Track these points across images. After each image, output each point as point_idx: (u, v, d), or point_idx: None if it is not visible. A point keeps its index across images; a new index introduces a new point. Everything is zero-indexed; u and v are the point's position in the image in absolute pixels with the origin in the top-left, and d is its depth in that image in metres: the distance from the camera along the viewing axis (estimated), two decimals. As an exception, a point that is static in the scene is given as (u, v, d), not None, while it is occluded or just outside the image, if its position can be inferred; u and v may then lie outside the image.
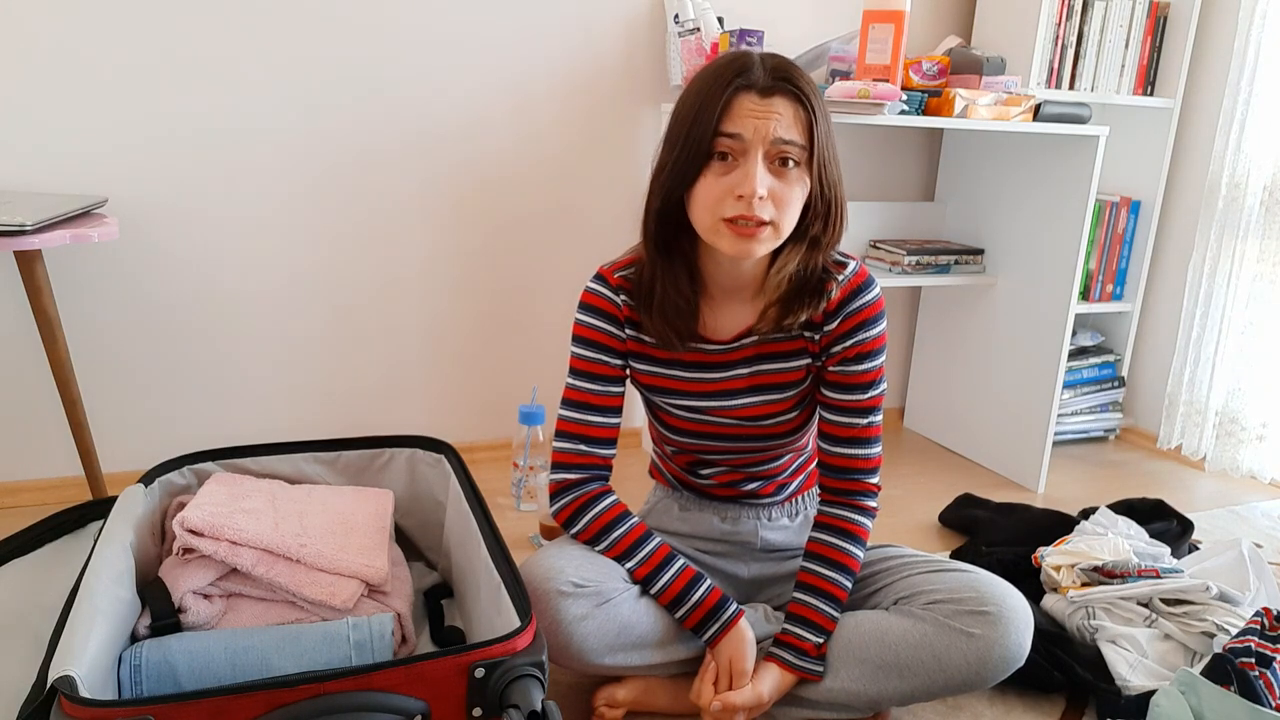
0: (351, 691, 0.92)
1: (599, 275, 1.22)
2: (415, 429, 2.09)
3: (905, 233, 2.37)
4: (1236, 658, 1.22)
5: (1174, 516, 1.80)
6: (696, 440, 1.27)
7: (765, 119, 1.04)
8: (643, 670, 1.20)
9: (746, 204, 1.04)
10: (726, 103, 1.04)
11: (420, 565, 1.52)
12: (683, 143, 1.07)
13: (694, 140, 1.06)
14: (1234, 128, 2.19)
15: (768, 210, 1.05)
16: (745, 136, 1.04)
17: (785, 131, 1.05)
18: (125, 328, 1.81)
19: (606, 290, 1.21)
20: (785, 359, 1.21)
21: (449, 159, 1.97)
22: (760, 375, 1.22)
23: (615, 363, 1.22)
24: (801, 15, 2.19)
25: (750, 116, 1.04)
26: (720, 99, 1.04)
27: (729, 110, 1.04)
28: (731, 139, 1.04)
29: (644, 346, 1.23)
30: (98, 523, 1.41)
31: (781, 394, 1.22)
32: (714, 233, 1.08)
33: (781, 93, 1.05)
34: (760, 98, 1.05)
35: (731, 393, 1.23)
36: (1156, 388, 2.49)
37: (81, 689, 0.87)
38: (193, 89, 1.75)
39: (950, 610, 1.15)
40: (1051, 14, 2.17)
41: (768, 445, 1.27)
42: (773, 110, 1.04)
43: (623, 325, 1.22)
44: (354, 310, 1.98)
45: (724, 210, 1.06)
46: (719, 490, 1.34)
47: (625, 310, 1.21)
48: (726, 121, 1.04)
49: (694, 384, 1.23)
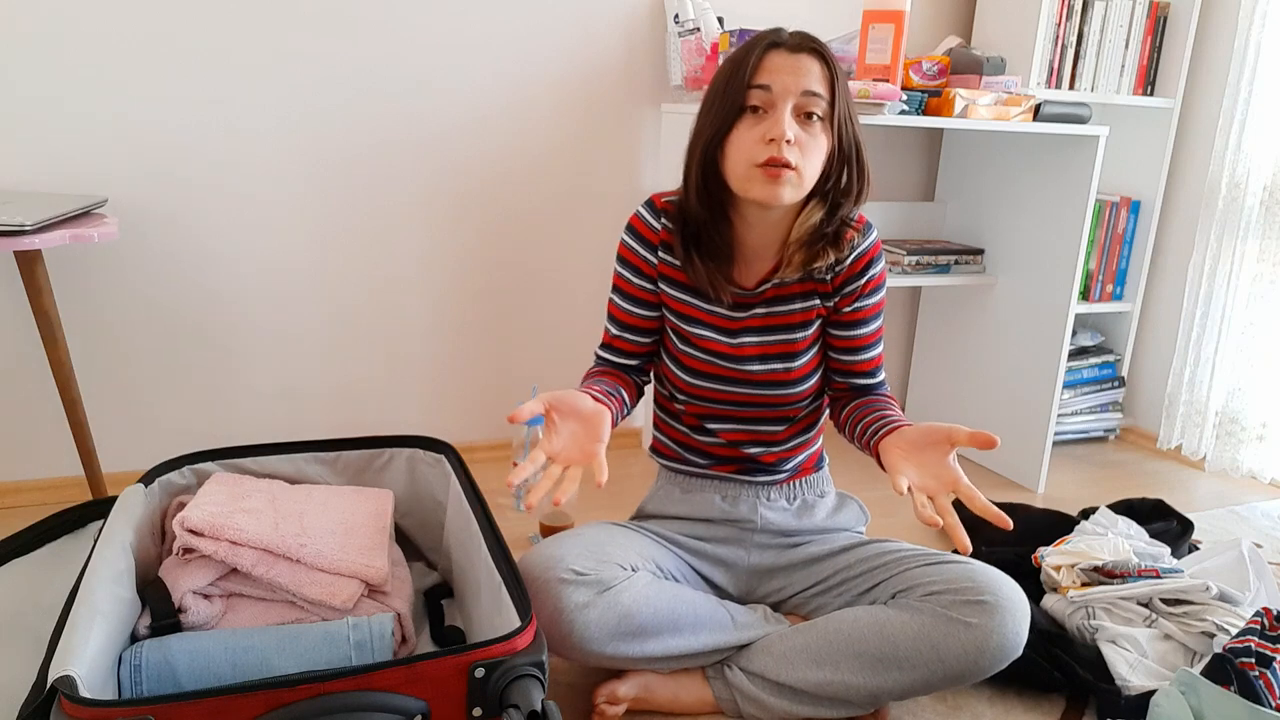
0: (351, 691, 0.92)
1: (649, 200, 1.30)
2: (415, 429, 2.09)
3: (905, 233, 2.37)
4: (1236, 658, 1.22)
5: (1174, 516, 1.80)
6: (708, 385, 1.30)
7: (793, 72, 1.13)
8: (643, 663, 1.20)
9: (776, 146, 1.13)
10: (758, 59, 1.14)
11: (420, 565, 1.52)
12: (719, 101, 1.17)
13: (729, 96, 1.15)
14: (1234, 128, 2.19)
15: (794, 154, 1.14)
16: (774, 88, 1.13)
17: (811, 83, 1.14)
18: (125, 328, 1.81)
19: (649, 214, 1.29)
20: (798, 299, 1.28)
21: (449, 159, 1.97)
22: (774, 317, 1.28)
23: (645, 285, 1.31)
24: (801, 15, 2.19)
25: (779, 70, 1.14)
26: (751, 57, 1.15)
27: (760, 65, 1.14)
28: (763, 90, 1.14)
29: (673, 271, 1.29)
30: (98, 523, 1.41)
31: (792, 334, 1.28)
32: (746, 179, 1.16)
33: (808, 51, 1.15)
34: (789, 53, 1.15)
35: (747, 330, 1.28)
36: (1156, 388, 2.49)
37: (81, 689, 0.87)
38: (193, 89, 1.75)
39: (948, 601, 1.15)
40: (1051, 14, 2.17)
41: (774, 394, 1.29)
42: (800, 65, 1.14)
43: (655, 249, 1.29)
44: (354, 310, 1.98)
45: (755, 156, 1.14)
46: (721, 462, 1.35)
47: (662, 234, 1.28)
48: (758, 75, 1.14)
49: (714, 317, 1.28)
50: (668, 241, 1.28)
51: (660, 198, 1.29)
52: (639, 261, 1.30)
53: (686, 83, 2.03)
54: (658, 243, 1.28)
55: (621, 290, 1.32)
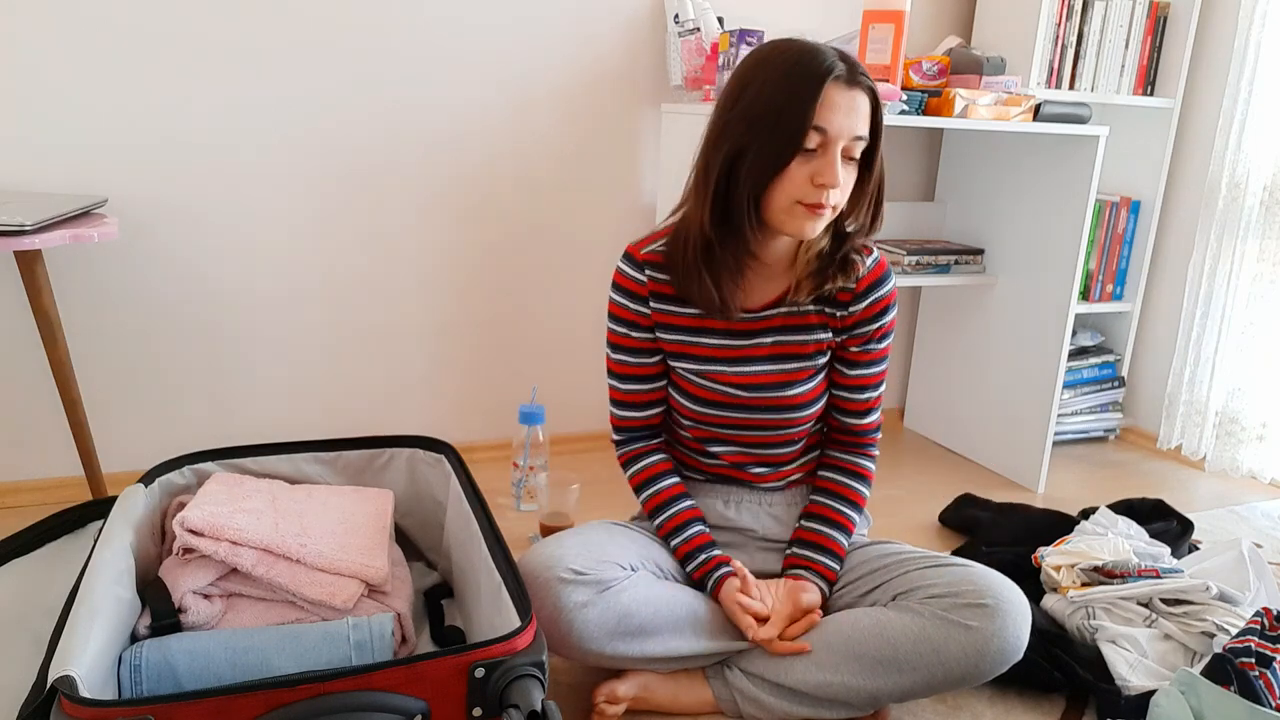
0: (351, 691, 0.92)
1: (626, 253, 1.29)
2: (415, 429, 2.09)
3: (905, 233, 2.37)
4: (1236, 658, 1.22)
5: (1174, 516, 1.80)
6: (712, 411, 1.29)
7: (848, 113, 1.10)
8: (642, 663, 1.20)
9: (823, 192, 1.12)
10: (820, 96, 1.09)
11: (420, 565, 1.52)
12: (772, 132, 1.10)
13: (786, 132, 1.10)
14: (1234, 128, 2.19)
15: (836, 196, 1.14)
16: (830, 131, 1.10)
17: (860, 127, 1.12)
18: (125, 328, 1.81)
19: (630, 269, 1.28)
20: (807, 331, 1.28)
21: (449, 159, 1.97)
22: (782, 345, 1.27)
23: (643, 336, 1.30)
24: (801, 15, 2.19)
25: (836, 110, 1.09)
26: (814, 91, 1.09)
27: (823, 104, 1.09)
28: (819, 133, 1.10)
29: (670, 317, 1.28)
30: (98, 523, 1.41)
31: (799, 364, 1.28)
32: (788, 213, 1.15)
33: (860, 87, 1.11)
34: (847, 88, 1.10)
35: (753, 359, 1.27)
36: (1156, 388, 2.49)
37: (81, 689, 0.87)
38: (193, 89, 1.75)
39: (948, 604, 1.15)
40: (1051, 14, 2.17)
41: (778, 419, 1.29)
42: (854, 104, 1.11)
43: (646, 300, 1.28)
44: (354, 310, 1.98)
45: (805, 196, 1.13)
46: (724, 479, 1.36)
47: (650, 285, 1.27)
48: (820, 115, 1.09)
49: (719, 350, 1.28)
50: (656, 291, 1.27)
51: (639, 250, 1.28)
52: (634, 316, 1.29)
53: (686, 83, 2.03)
54: (646, 294, 1.27)
55: (623, 347, 1.31)
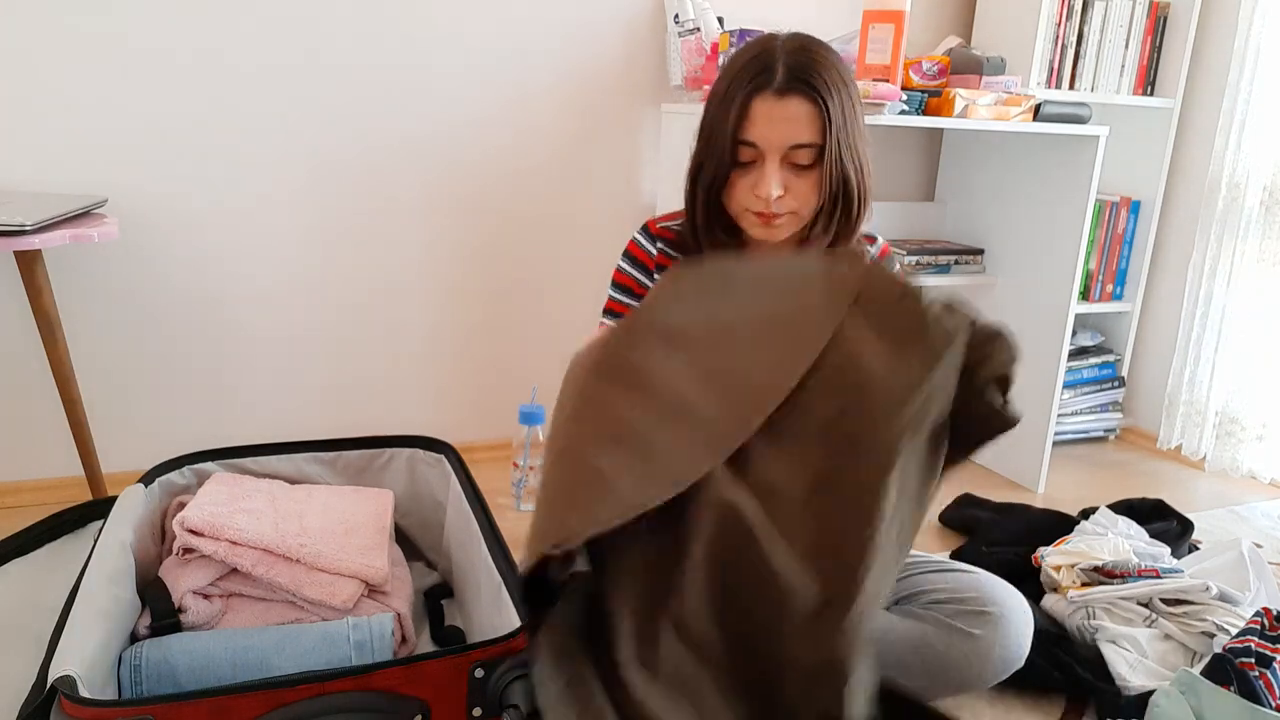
0: (351, 691, 0.92)
1: (644, 225, 1.28)
2: (415, 429, 2.09)
3: (905, 233, 2.37)
4: (1236, 658, 1.22)
5: (1174, 516, 1.80)
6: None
7: (780, 122, 1.06)
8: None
9: (764, 203, 1.10)
10: (743, 109, 1.07)
11: (420, 565, 1.52)
12: (709, 147, 1.12)
13: (718, 148, 1.10)
14: (1234, 128, 2.19)
15: (785, 204, 1.11)
16: (759, 144, 1.08)
17: (798, 135, 1.07)
18: (125, 328, 1.81)
19: (644, 239, 1.27)
20: None
21: (449, 159, 1.97)
22: None
23: None
24: (801, 15, 2.19)
25: (764, 124, 1.06)
26: (736, 104, 1.07)
27: (746, 117, 1.07)
28: (750, 147, 1.08)
29: None
30: (98, 523, 1.41)
31: None
32: (743, 219, 1.15)
33: (797, 93, 1.06)
34: (776, 99, 1.06)
35: None
36: (1156, 388, 2.49)
37: (81, 689, 0.87)
38: (193, 89, 1.75)
39: (952, 610, 1.15)
40: (1051, 14, 2.17)
41: None
42: (787, 114, 1.06)
43: (651, 274, 1.26)
44: (354, 310, 1.98)
45: (749, 204, 1.12)
46: None
47: (659, 258, 1.26)
48: (744, 129, 1.08)
49: None
50: (663, 265, 1.25)
51: (656, 223, 1.27)
52: (636, 287, 1.27)
53: (686, 83, 2.03)
54: (653, 266, 1.26)
55: (617, 314, 1.29)
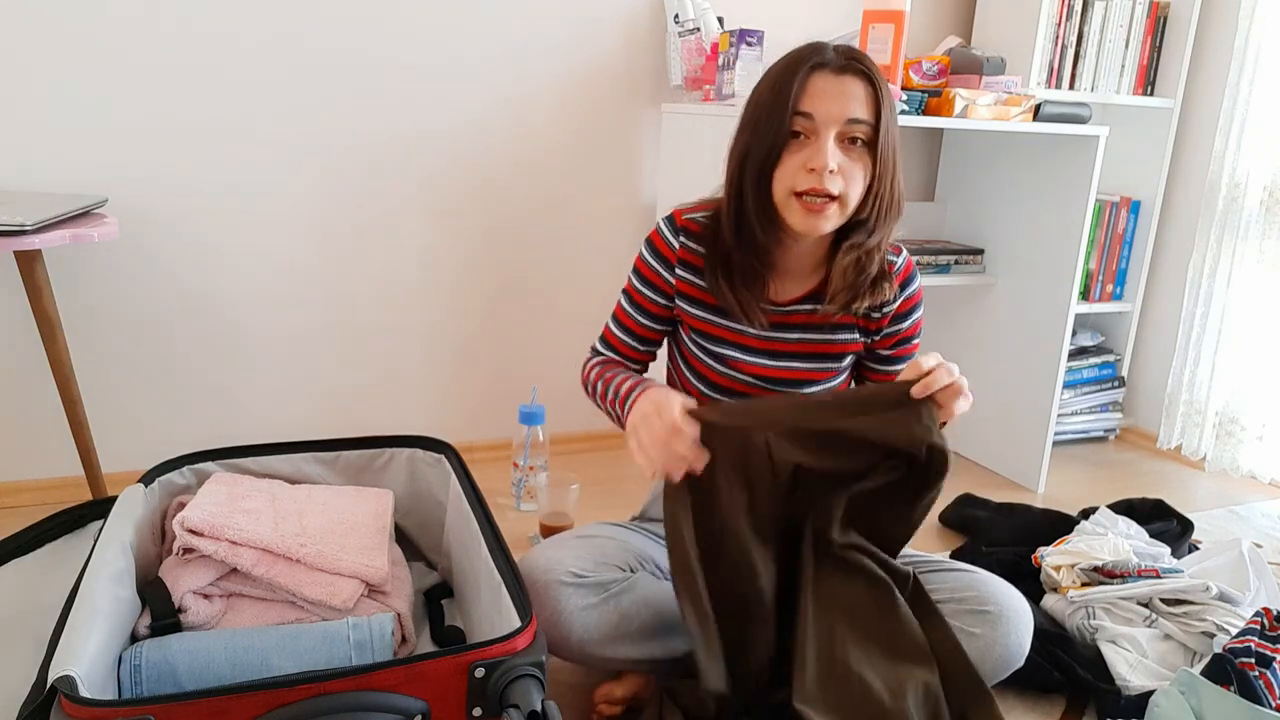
0: (351, 691, 0.92)
1: (669, 215, 1.26)
2: (415, 429, 2.09)
3: (905, 233, 2.37)
4: (1236, 658, 1.22)
5: (1174, 516, 1.80)
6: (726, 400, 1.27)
7: (837, 98, 1.08)
8: (645, 665, 1.20)
9: (817, 177, 1.09)
10: (802, 83, 1.09)
11: (420, 565, 1.52)
12: (763, 126, 1.11)
13: (773, 122, 1.10)
14: (1234, 128, 2.19)
15: (837, 184, 1.10)
16: (817, 116, 1.08)
17: (855, 110, 1.09)
18: (125, 328, 1.81)
19: (668, 230, 1.25)
20: (835, 330, 1.25)
21: (449, 159, 1.97)
22: (808, 343, 1.24)
23: (660, 301, 1.27)
24: (801, 15, 2.19)
25: (823, 96, 1.09)
26: (795, 80, 1.09)
27: (804, 90, 1.09)
28: (806, 118, 1.09)
29: (696, 290, 1.24)
30: (98, 523, 1.41)
31: (823, 364, 1.25)
32: (785, 206, 1.13)
33: (853, 72, 1.10)
34: (835, 75, 1.09)
35: (777, 354, 1.24)
36: (1156, 388, 2.49)
37: (81, 689, 0.87)
38: (193, 89, 1.75)
39: (951, 609, 1.15)
40: (1051, 14, 2.17)
41: None
42: (844, 89, 1.09)
43: (673, 267, 1.24)
44: (354, 310, 1.98)
45: (796, 183, 1.10)
46: None
47: (680, 252, 1.24)
48: (802, 101, 1.09)
49: (741, 335, 1.24)
50: (685, 259, 1.23)
51: (682, 214, 1.25)
52: (656, 279, 1.25)
53: (686, 83, 2.03)
54: (675, 260, 1.24)
55: (634, 301, 1.28)
